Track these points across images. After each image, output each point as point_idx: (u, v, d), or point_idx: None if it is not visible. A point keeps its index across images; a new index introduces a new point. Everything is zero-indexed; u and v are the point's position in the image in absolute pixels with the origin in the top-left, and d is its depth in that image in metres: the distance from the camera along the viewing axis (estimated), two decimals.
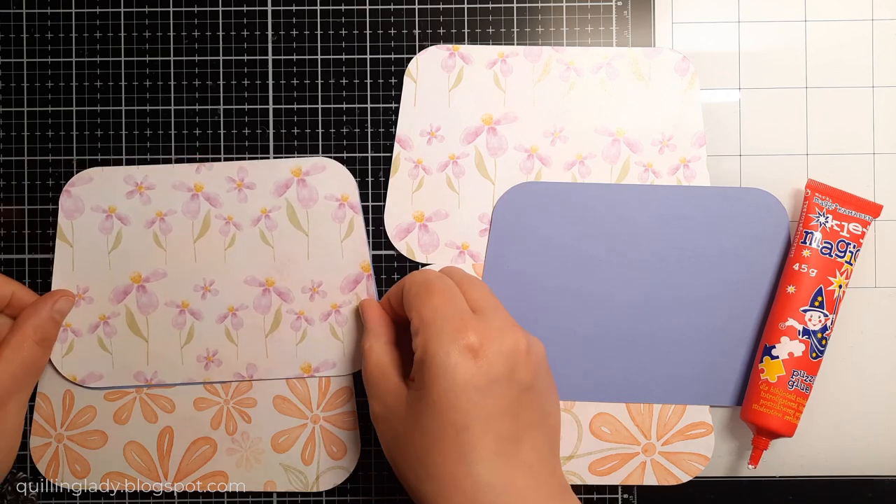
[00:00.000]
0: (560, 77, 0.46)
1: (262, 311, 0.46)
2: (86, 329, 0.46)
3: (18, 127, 0.47)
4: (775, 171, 0.46)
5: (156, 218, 0.46)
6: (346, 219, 0.46)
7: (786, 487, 0.47)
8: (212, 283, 0.46)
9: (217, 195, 0.46)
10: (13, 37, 0.47)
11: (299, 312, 0.46)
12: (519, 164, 0.46)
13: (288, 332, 0.46)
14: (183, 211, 0.46)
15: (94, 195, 0.46)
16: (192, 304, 0.46)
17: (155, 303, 0.46)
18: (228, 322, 0.46)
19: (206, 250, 0.46)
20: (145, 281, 0.46)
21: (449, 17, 0.47)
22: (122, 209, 0.46)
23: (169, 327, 0.46)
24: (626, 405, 0.46)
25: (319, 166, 0.46)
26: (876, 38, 0.47)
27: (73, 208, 0.46)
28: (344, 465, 0.47)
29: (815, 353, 0.43)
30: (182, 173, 0.46)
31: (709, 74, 0.47)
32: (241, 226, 0.46)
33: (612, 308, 0.46)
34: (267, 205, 0.46)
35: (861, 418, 0.47)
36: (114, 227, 0.46)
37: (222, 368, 0.46)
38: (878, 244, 0.47)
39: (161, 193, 0.46)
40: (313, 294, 0.46)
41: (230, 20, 0.47)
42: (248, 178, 0.46)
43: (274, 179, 0.46)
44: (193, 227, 0.46)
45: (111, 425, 0.46)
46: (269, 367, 0.46)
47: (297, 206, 0.46)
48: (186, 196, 0.46)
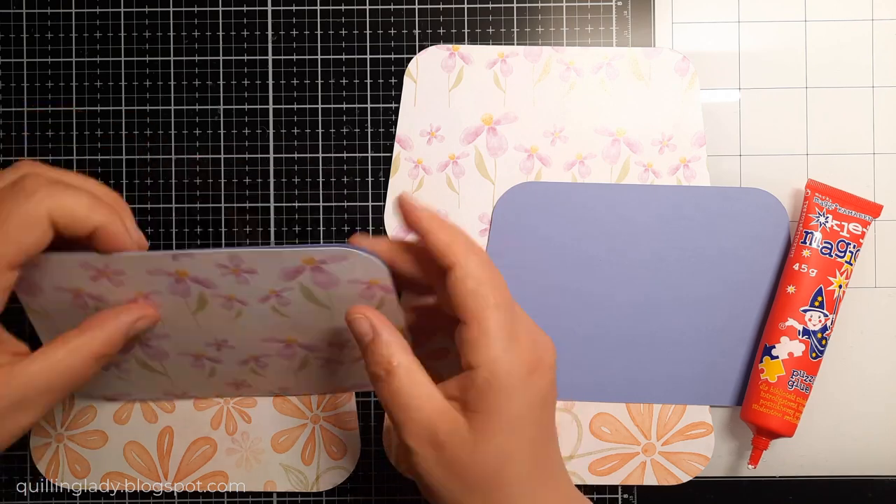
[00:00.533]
0: (560, 77, 0.46)
1: (289, 358, 0.43)
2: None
3: (18, 127, 0.47)
4: (775, 171, 0.46)
5: (137, 296, 0.38)
6: (377, 297, 0.38)
7: (786, 487, 0.47)
8: (224, 341, 0.41)
9: (209, 279, 0.38)
10: (13, 37, 0.47)
11: (328, 359, 0.43)
12: (519, 164, 0.46)
13: (318, 371, 0.44)
14: (170, 291, 0.38)
15: (49, 277, 0.38)
16: (207, 354, 0.42)
17: (165, 353, 0.42)
18: (252, 366, 0.43)
19: (209, 321, 0.40)
20: (145, 340, 0.41)
21: (449, 17, 0.47)
22: (92, 290, 0.38)
23: (188, 368, 0.43)
24: (626, 405, 0.46)
25: (338, 256, 0.37)
26: (876, 38, 0.47)
27: (31, 287, 0.38)
28: (344, 465, 0.47)
29: (815, 353, 0.43)
30: (155, 262, 0.37)
31: (709, 74, 0.47)
32: (246, 302, 0.39)
33: (612, 308, 0.46)
34: (275, 287, 0.38)
35: (861, 418, 0.46)
36: (88, 304, 0.38)
37: (253, 390, 0.45)
38: (878, 244, 0.47)
39: (134, 279, 0.38)
40: (344, 346, 0.42)
41: (230, 20, 0.47)
42: (244, 265, 0.37)
43: (279, 267, 0.37)
44: (188, 304, 0.39)
45: (111, 425, 0.46)
46: (302, 390, 0.46)
47: (315, 288, 0.38)
48: (169, 280, 0.38)
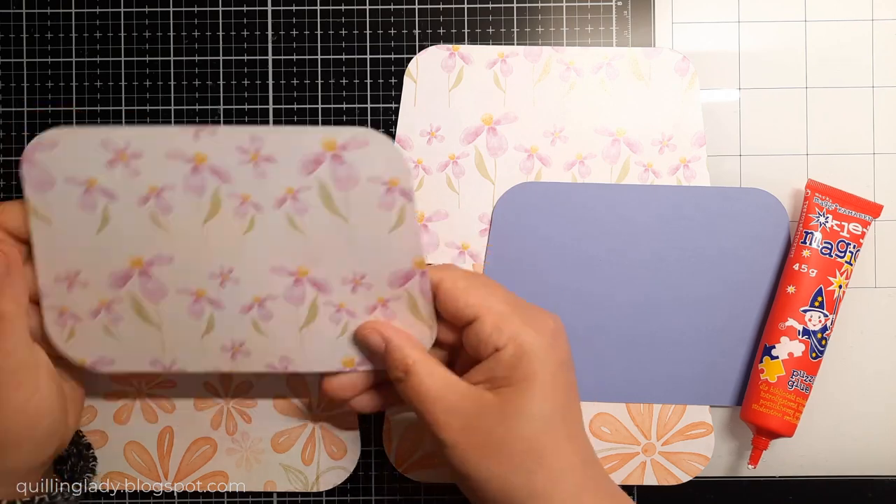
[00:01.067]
0: (560, 77, 0.46)
1: (296, 301, 0.39)
2: (85, 315, 0.39)
3: (18, 126, 0.47)
4: (775, 171, 0.46)
5: (149, 194, 0.38)
6: (396, 206, 0.38)
7: (786, 487, 0.47)
8: (230, 270, 0.39)
9: (227, 169, 0.37)
10: (13, 37, 0.47)
11: (339, 304, 0.39)
12: (519, 164, 0.46)
13: (327, 325, 0.40)
14: (184, 187, 0.38)
15: (65, 164, 0.37)
16: (208, 291, 0.39)
17: (164, 290, 0.39)
18: (255, 313, 0.39)
19: (219, 233, 0.38)
20: (148, 265, 0.39)
21: (449, 17, 0.47)
22: (105, 182, 0.37)
23: (184, 316, 0.39)
24: (626, 405, 0.46)
25: (360, 140, 0.37)
26: (876, 38, 0.47)
27: (41, 180, 0.37)
28: (344, 465, 0.47)
29: (815, 353, 0.43)
30: (176, 139, 0.37)
31: (709, 74, 0.47)
32: (261, 207, 0.38)
33: (612, 308, 0.46)
34: (293, 184, 0.37)
35: (861, 418, 0.47)
36: (97, 203, 0.38)
37: (252, 359, 0.40)
38: (878, 244, 0.47)
39: (152, 163, 0.37)
40: (356, 286, 0.39)
41: (230, 20, 0.47)
42: (265, 150, 0.37)
43: (300, 153, 0.37)
44: (200, 207, 0.38)
45: (111, 425, 0.46)
46: (306, 360, 0.40)
47: (333, 189, 0.37)
48: (186, 168, 0.37)
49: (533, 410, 0.36)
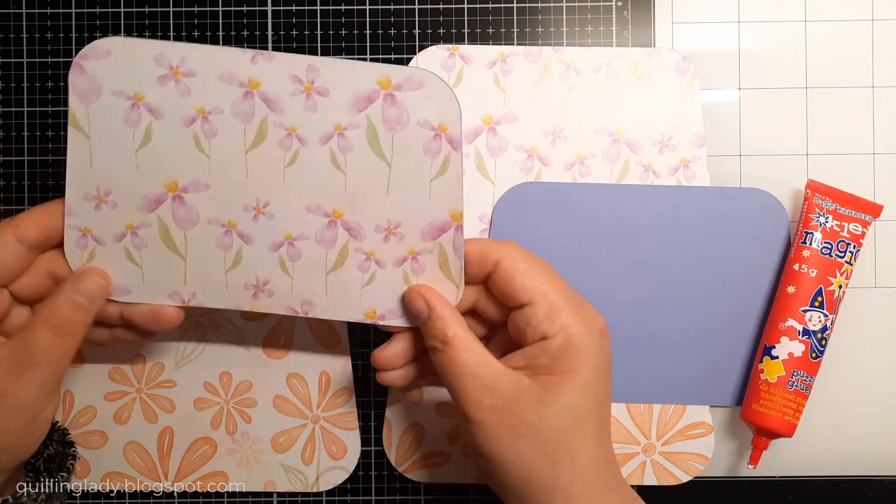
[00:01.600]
0: (560, 77, 0.46)
1: (326, 245, 0.39)
2: (109, 238, 0.38)
3: (18, 127, 0.47)
4: (775, 171, 0.46)
5: (196, 116, 0.37)
6: (441, 154, 0.37)
7: (786, 487, 0.47)
8: (266, 204, 0.38)
9: (278, 97, 0.37)
10: (13, 37, 0.47)
11: (369, 253, 0.39)
12: (519, 164, 0.46)
13: (353, 273, 0.39)
14: (233, 112, 0.37)
15: (114, 75, 0.37)
16: (240, 224, 0.38)
17: (195, 218, 0.38)
18: (284, 251, 0.39)
19: (260, 164, 0.37)
20: (182, 191, 0.38)
21: (449, 17, 0.47)
22: (153, 98, 0.37)
23: (212, 247, 0.38)
24: (626, 405, 0.46)
25: (415, 81, 0.36)
26: (876, 38, 0.47)
27: (87, 89, 0.37)
28: (344, 465, 0.47)
29: (815, 354, 0.43)
30: (232, 61, 0.36)
31: (709, 74, 0.47)
32: (306, 141, 0.37)
33: (612, 308, 0.46)
34: (342, 120, 0.37)
35: (861, 418, 0.47)
36: (142, 119, 0.37)
37: (273, 300, 0.39)
38: (878, 244, 0.47)
39: (204, 84, 0.37)
40: (388, 235, 0.38)
41: (230, 20, 0.47)
42: (319, 81, 0.36)
43: (354, 88, 0.36)
44: (246, 134, 0.37)
45: (111, 425, 0.46)
46: (328, 307, 0.40)
47: (381, 129, 0.37)
48: (238, 93, 0.37)
49: (570, 403, 0.36)
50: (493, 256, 0.38)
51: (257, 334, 0.46)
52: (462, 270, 0.39)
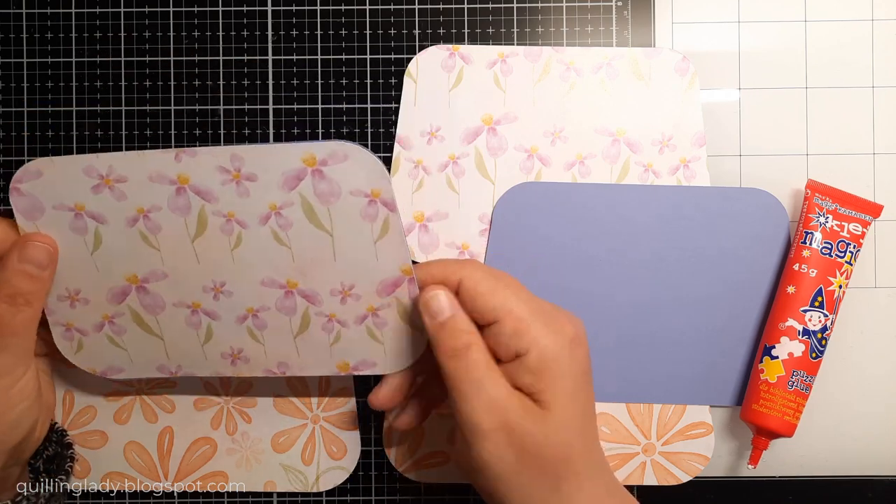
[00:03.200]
0: (560, 77, 0.46)
1: (288, 312, 0.40)
2: (90, 328, 0.41)
3: (18, 127, 0.47)
4: (775, 171, 0.46)
5: (137, 215, 0.39)
6: (380, 217, 0.38)
7: (786, 487, 0.47)
8: (223, 284, 0.40)
9: (210, 189, 0.38)
10: (13, 37, 0.47)
11: (330, 315, 0.40)
12: (519, 164, 0.46)
13: (319, 334, 0.41)
14: (170, 207, 0.38)
15: (51, 192, 0.38)
16: (203, 304, 0.40)
17: (161, 304, 0.40)
18: (250, 322, 0.40)
19: (208, 250, 0.39)
20: (144, 282, 0.40)
21: (449, 17, 0.47)
22: (93, 207, 0.38)
23: (183, 326, 0.41)
24: (626, 405, 0.46)
25: (340, 155, 0.37)
26: (876, 38, 0.47)
27: (30, 208, 0.38)
28: (344, 465, 0.47)
29: (815, 354, 0.43)
30: (157, 163, 0.38)
31: (709, 74, 0.47)
32: (246, 224, 0.38)
33: (612, 308, 0.46)
34: (276, 200, 0.38)
35: (861, 418, 0.47)
36: (88, 226, 0.39)
37: (250, 365, 0.41)
38: (878, 244, 0.47)
39: (138, 187, 0.38)
40: (344, 297, 0.40)
41: (230, 20, 0.47)
42: (245, 168, 0.37)
43: (280, 170, 0.37)
44: (188, 226, 0.39)
45: (111, 425, 0.46)
46: (303, 365, 0.41)
47: (316, 203, 0.38)
48: (170, 190, 0.38)
49: (565, 416, 0.36)
50: (454, 277, 0.38)
51: None
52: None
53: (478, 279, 0.37)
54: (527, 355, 0.36)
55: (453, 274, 0.38)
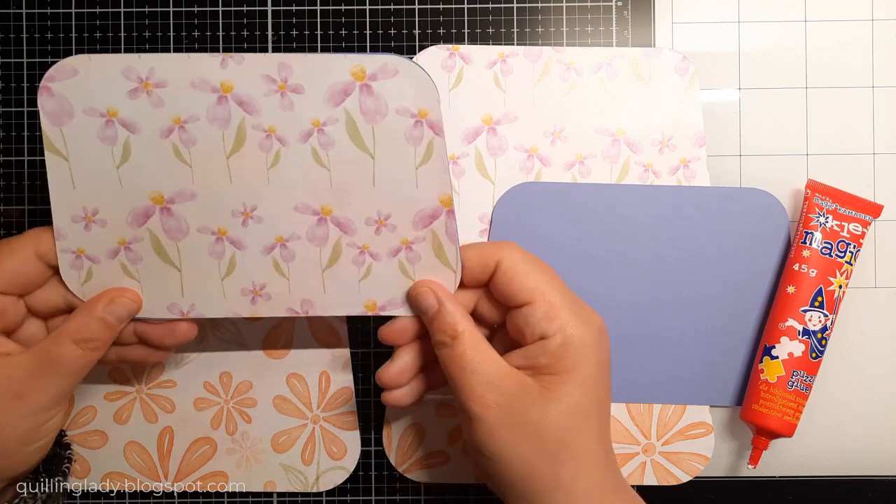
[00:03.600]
0: (560, 77, 0.46)
1: (318, 243, 0.38)
2: (103, 255, 0.38)
3: (18, 127, 0.47)
4: (775, 171, 0.46)
5: (173, 126, 0.36)
6: (424, 140, 0.37)
7: (786, 487, 0.47)
8: (253, 208, 0.38)
9: (252, 99, 0.36)
10: (13, 37, 0.47)
11: (363, 246, 0.39)
12: (519, 164, 0.46)
13: (349, 268, 0.39)
14: (209, 118, 0.36)
15: (83, 93, 0.36)
16: (230, 231, 0.38)
17: (185, 228, 0.38)
18: (277, 254, 0.38)
19: (243, 169, 0.37)
20: (169, 202, 0.37)
21: (449, 17, 0.47)
22: (126, 113, 0.36)
23: (204, 256, 0.38)
24: (626, 405, 0.46)
25: (390, 69, 0.36)
26: (876, 38, 0.47)
27: (58, 111, 0.36)
28: (344, 465, 0.47)
29: (815, 354, 0.43)
30: (202, 67, 0.36)
31: (709, 74, 0.47)
32: (286, 141, 0.37)
33: (612, 308, 0.46)
34: (320, 116, 0.36)
35: (861, 418, 0.47)
36: (118, 136, 0.36)
37: (272, 303, 0.39)
38: (878, 244, 0.47)
39: (176, 93, 0.36)
40: (379, 227, 0.38)
41: (230, 20, 0.47)
42: (292, 79, 0.36)
43: (328, 82, 0.36)
44: (224, 140, 0.37)
45: (111, 425, 0.46)
46: (327, 304, 0.40)
47: (360, 121, 0.36)
48: (211, 98, 0.36)
49: (572, 402, 0.36)
50: (493, 258, 0.38)
51: (257, 334, 0.46)
52: (458, 255, 0.39)
53: (516, 260, 0.38)
54: (551, 338, 0.37)
55: (492, 255, 0.38)
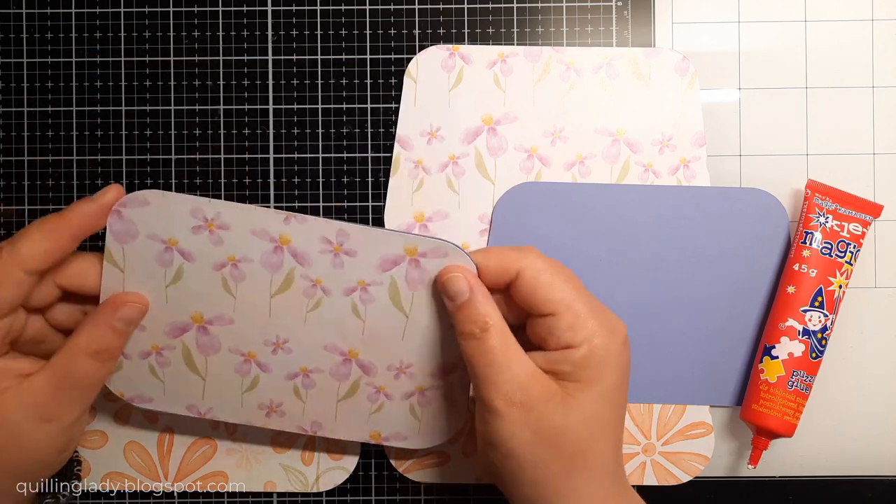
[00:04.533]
0: (560, 77, 0.46)
1: (340, 378, 0.41)
2: (136, 354, 0.40)
3: (18, 127, 0.47)
4: (775, 171, 0.46)
5: (226, 262, 0.38)
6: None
7: (786, 487, 0.47)
8: (286, 341, 0.40)
9: (307, 254, 0.38)
10: (13, 37, 0.47)
11: (380, 387, 0.41)
12: (519, 164, 0.46)
13: (363, 402, 0.41)
14: (262, 262, 0.38)
15: (151, 222, 0.38)
16: (259, 356, 0.40)
17: (217, 346, 0.40)
18: (299, 381, 0.41)
19: (284, 308, 0.39)
20: (208, 323, 0.40)
21: (449, 17, 0.47)
22: (186, 245, 0.38)
23: (230, 372, 0.41)
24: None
25: (441, 252, 0.38)
26: (876, 38, 0.47)
27: (124, 232, 0.38)
28: (344, 465, 0.47)
29: (815, 354, 0.43)
30: (266, 220, 0.38)
31: (709, 74, 0.47)
32: (330, 292, 0.39)
33: (612, 308, 0.45)
34: (367, 278, 0.38)
35: (861, 418, 0.47)
36: (174, 261, 0.38)
37: (284, 420, 0.42)
38: (878, 244, 0.47)
39: (236, 237, 0.38)
40: (399, 373, 0.41)
41: (230, 20, 0.47)
42: (348, 244, 0.38)
43: (381, 252, 0.38)
44: (272, 282, 0.39)
45: (111, 425, 0.46)
46: (336, 429, 0.42)
47: (403, 286, 0.39)
48: (268, 246, 0.38)
49: (594, 411, 0.36)
50: (514, 267, 0.37)
51: None
52: (468, 402, 0.41)
53: (539, 269, 0.37)
54: (577, 349, 0.36)
55: (514, 262, 0.37)
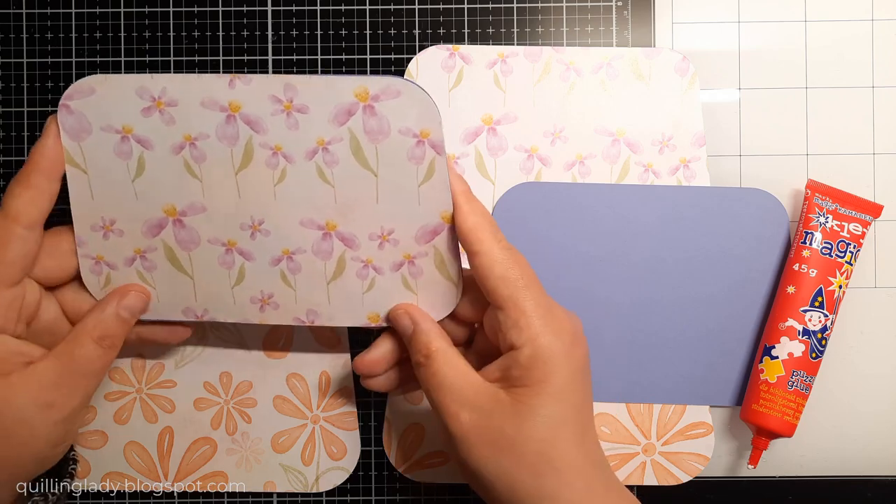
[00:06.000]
0: (560, 77, 0.46)
1: (323, 256, 0.40)
2: (120, 262, 0.40)
3: (18, 127, 0.47)
4: (775, 171, 0.46)
5: (184, 143, 0.38)
6: (426, 160, 0.38)
7: (786, 487, 0.47)
8: (261, 222, 0.39)
9: (260, 118, 0.37)
10: (13, 37, 0.47)
11: (366, 260, 0.40)
12: (519, 164, 0.46)
13: (353, 281, 0.40)
14: (218, 136, 0.38)
15: (101, 111, 0.38)
16: (239, 242, 0.40)
17: (196, 239, 0.40)
18: (284, 265, 0.40)
19: (251, 184, 0.39)
20: (181, 215, 0.39)
21: (449, 17, 0.47)
22: (140, 130, 0.38)
23: (215, 266, 0.40)
24: (626, 405, 0.46)
25: (392, 90, 0.37)
26: (876, 38, 0.47)
27: (77, 127, 0.38)
28: (344, 466, 0.47)
29: (815, 354, 0.43)
30: (211, 87, 0.37)
31: (709, 74, 0.47)
32: (292, 158, 0.38)
33: (612, 308, 0.46)
34: (325, 135, 0.37)
35: (861, 418, 0.47)
36: (133, 151, 0.38)
37: (279, 312, 0.41)
38: (878, 244, 0.47)
39: (187, 112, 0.38)
40: (383, 242, 0.39)
41: (230, 20, 0.47)
42: (297, 99, 0.37)
43: (333, 103, 0.37)
44: (233, 156, 0.38)
45: (111, 425, 0.46)
46: (332, 315, 0.41)
47: (364, 140, 0.37)
48: (220, 117, 0.38)
49: (545, 413, 0.36)
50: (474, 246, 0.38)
51: (257, 335, 0.46)
52: (460, 270, 0.40)
53: (494, 260, 0.37)
54: (521, 350, 0.36)
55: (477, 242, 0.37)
